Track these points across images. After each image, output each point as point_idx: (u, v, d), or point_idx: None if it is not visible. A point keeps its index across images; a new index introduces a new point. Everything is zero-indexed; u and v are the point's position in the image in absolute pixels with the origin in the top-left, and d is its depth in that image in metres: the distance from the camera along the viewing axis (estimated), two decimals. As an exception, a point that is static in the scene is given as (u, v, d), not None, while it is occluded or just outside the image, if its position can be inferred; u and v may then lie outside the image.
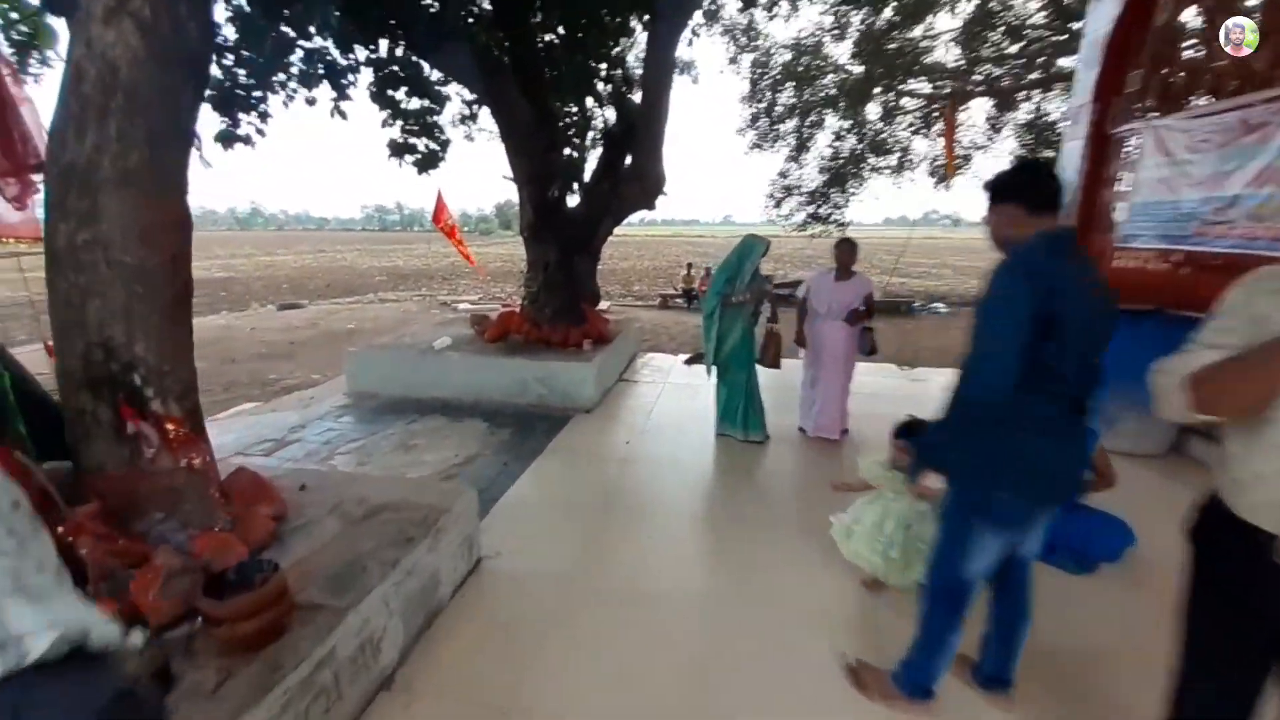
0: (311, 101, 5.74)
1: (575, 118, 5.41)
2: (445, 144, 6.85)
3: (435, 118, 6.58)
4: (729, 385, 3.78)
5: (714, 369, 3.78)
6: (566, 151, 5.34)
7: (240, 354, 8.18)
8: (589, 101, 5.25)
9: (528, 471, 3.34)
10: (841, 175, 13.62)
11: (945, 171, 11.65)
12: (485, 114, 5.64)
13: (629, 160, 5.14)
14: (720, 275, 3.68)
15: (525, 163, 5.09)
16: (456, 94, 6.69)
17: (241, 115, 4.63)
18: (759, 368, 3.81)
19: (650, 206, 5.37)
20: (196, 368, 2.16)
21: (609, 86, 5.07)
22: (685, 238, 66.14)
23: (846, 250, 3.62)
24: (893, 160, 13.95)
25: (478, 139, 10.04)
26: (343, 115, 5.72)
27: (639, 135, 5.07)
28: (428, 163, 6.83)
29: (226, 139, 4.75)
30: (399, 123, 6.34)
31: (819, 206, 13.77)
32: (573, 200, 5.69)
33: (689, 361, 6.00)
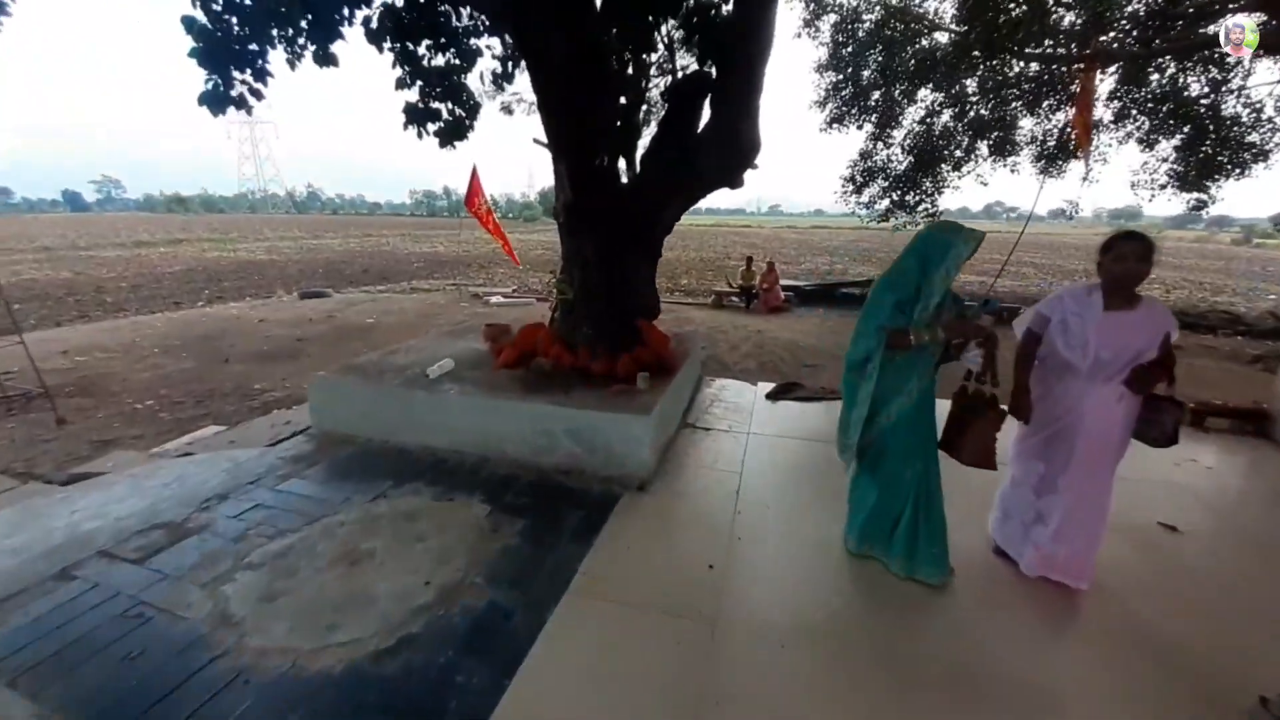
0: (324, 59, 4.64)
1: (633, 53, 3.89)
2: (474, 110, 5.47)
3: (462, 76, 5.26)
4: (883, 482, 2.23)
5: (853, 453, 2.24)
6: (620, 103, 3.83)
7: (238, 352, 7.12)
8: (654, 29, 3.71)
9: (545, 635, 1.92)
10: (933, 157, 11.61)
11: (1076, 147, 9.52)
12: (525, 78, 4.26)
13: (707, 119, 3.62)
14: (884, 294, 2.12)
15: (560, 119, 3.63)
16: (488, 47, 5.38)
17: (235, 73, 3.88)
18: (944, 457, 2.23)
19: (735, 183, 3.83)
20: (183, 368, 0.79)
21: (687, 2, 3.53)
22: (730, 228, 63.11)
23: (1136, 255, 1.94)
24: (991, 142, 11.83)
25: (517, 111, 8.71)
26: (332, 63, 4.48)
27: (727, 80, 3.52)
28: (452, 133, 5.50)
29: (215, 101, 3.88)
30: (418, 84, 5.08)
31: (906, 193, 11.80)
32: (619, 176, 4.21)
33: (774, 395, 4.45)
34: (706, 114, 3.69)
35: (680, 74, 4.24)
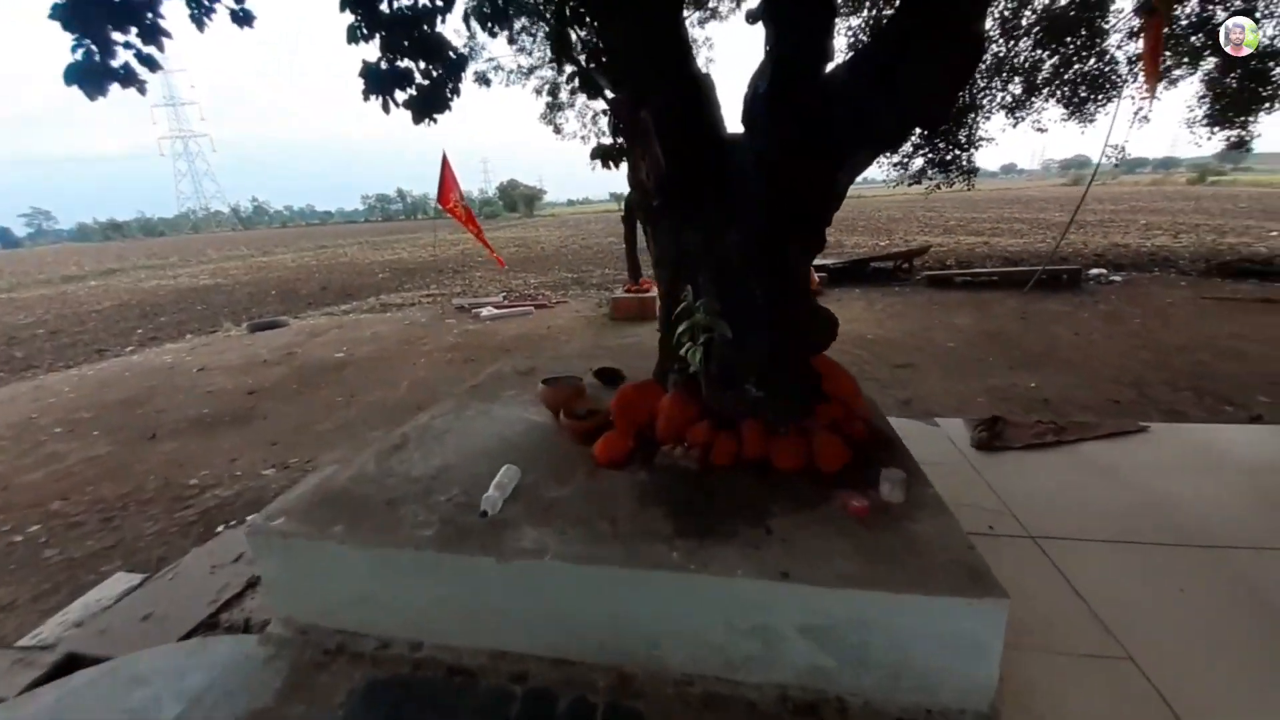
0: (242, 18, 3.23)
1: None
2: (456, 67, 3.90)
3: (438, 22, 3.74)
4: None
5: None
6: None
7: (169, 421, 5.31)
8: None
9: None
10: (968, 104, 10.20)
11: (1147, 87, 8.25)
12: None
13: (909, 17, 2.02)
14: None
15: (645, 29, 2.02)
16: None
17: (115, 35, 2.69)
18: None
19: (938, 119, 2.29)
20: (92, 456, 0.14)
21: None
22: None
23: None
24: (1016, 89, 10.50)
25: (495, 81, 7.17)
26: (248, 23, 3.24)
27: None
28: (429, 102, 3.95)
29: (89, 77, 2.67)
30: (378, 36, 3.55)
31: (943, 151, 10.39)
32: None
33: (984, 445, 2.94)
34: None
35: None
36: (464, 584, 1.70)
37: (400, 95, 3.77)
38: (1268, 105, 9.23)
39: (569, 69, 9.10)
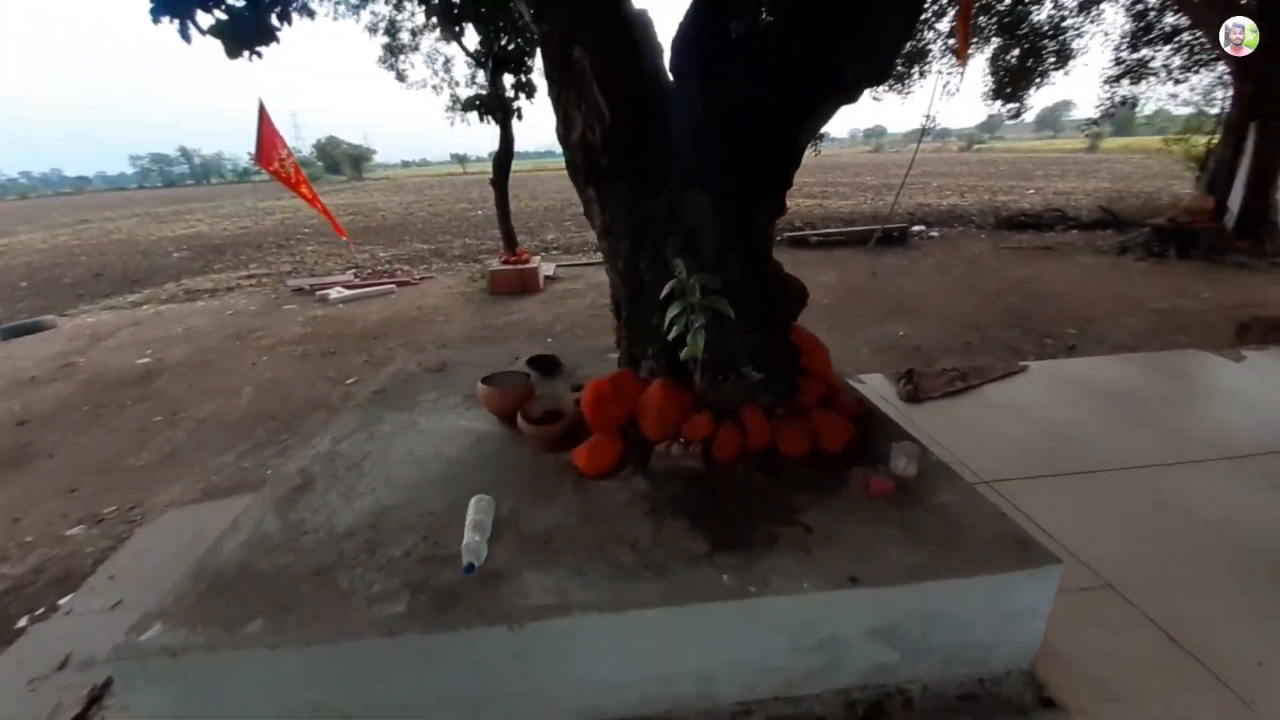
0: None
1: None
2: None
3: None
4: None
5: None
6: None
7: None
8: None
9: None
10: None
11: (958, 56, 9.43)
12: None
13: None
14: None
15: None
16: None
17: None
18: None
19: (881, 76, 2.25)
20: None
21: None
22: (553, 171, 58.91)
23: None
24: None
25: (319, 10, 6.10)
26: None
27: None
28: (247, 32, 3.04)
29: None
30: None
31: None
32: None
33: (911, 396, 3.11)
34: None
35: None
36: (461, 669, 1.32)
37: (205, 19, 2.85)
38: (1038, 80, 11.11)
39: (411, 4, 7.87)
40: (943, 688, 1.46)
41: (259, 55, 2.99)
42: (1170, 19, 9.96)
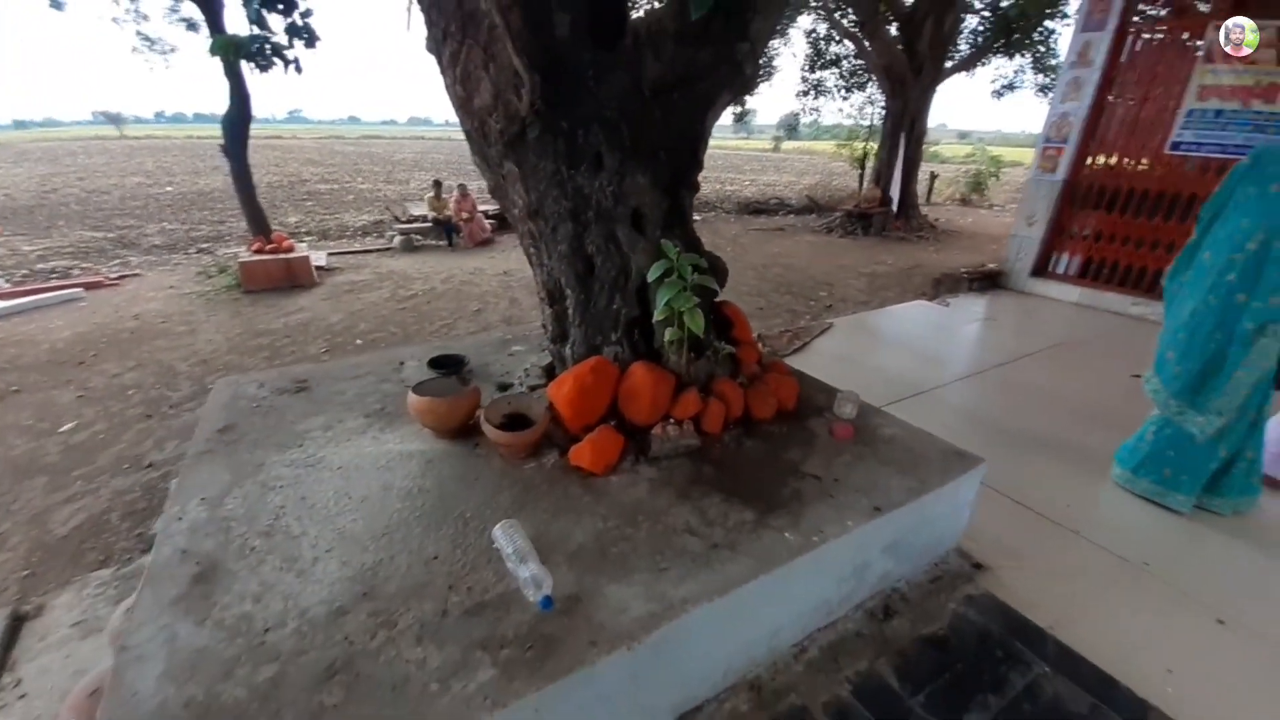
0: None
1: None
2: None
3: None
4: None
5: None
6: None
7: None
8: None
9: None
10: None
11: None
12: None
13: None
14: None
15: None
16: None
17: None
18: None
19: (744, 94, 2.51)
20: None
21: None
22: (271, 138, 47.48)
23: None
24: None
25: None
26: None
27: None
28: None
29: None
30: None
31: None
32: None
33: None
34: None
35: None
36: (578, 711, 1.16)
37: None
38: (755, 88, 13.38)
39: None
40: (918, 577, 1.84)
41: None
42: (835, 48, 12.95)
